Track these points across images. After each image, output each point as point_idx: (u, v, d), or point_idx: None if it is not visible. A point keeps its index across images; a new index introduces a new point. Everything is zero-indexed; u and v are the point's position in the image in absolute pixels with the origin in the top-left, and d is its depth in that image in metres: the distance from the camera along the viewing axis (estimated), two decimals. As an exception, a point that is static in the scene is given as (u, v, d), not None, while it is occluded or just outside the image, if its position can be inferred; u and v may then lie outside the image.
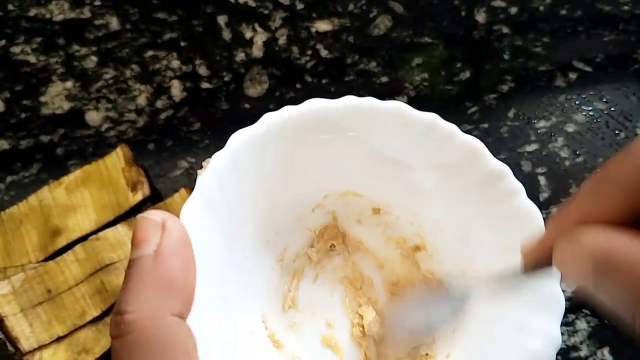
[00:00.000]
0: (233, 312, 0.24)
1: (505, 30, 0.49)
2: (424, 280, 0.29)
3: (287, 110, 0.26)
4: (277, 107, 0.24)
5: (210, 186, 0.23)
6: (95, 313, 0.36)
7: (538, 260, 0.19)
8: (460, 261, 0.27)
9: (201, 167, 0.24)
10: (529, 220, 0.24)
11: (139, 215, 0.21)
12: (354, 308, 0.29)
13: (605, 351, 0.37)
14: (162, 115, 0.45)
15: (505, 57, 0.48)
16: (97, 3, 0.47)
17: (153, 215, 0.21)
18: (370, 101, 0.26)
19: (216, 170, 0.23)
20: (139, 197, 0.39)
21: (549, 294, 0.23)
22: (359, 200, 0.30)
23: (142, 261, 0.19)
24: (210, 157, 0.24)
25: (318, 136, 0.26)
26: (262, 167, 0.26)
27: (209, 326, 0.20)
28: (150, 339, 0.18)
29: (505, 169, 0.25)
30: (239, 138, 0.24)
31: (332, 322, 0.29)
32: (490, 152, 0.26)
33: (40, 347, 0.35)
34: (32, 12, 0.47)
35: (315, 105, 0.26)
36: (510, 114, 0.46)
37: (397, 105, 0.26)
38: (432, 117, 0.26)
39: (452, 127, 0.26)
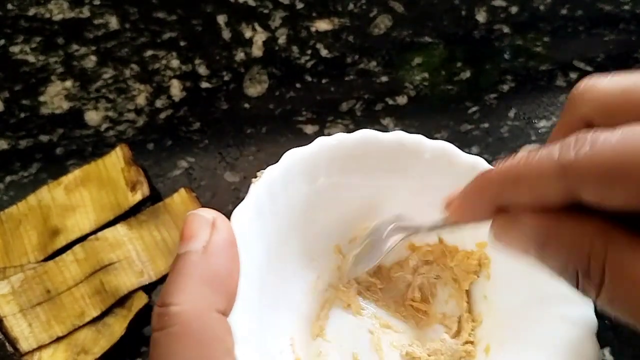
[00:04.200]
0: (266, 325, 0.24)
1: (506, 29, 0.49)
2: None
3: (341, 137, 0.27)
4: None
5: (262, 196, 0.24)
6: (95, 313, 0.36)
7: (462, 216, 0.21)
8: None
9: (255, 177, 0.25)
10: None
11: (190, 212, 0.21)
12: (381, 346, 0.29)
13: (606, 351, 0.37)
14: (162, 115, 0.45)
15: (506, 56, 0.48)
16: (97, 2, 0.47)
17: (204, 213, 0.21)
18: (418, 138, 0.27)
19: (269, 182, 0.24)
20: (138, 197, 0.39)
21: (583, 345, 0.23)
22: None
23: (190, 256, 0.20)
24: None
25: (366, 166, 0.27)
26: (309, 188, 0.26)
27: (246, 328, 0.21)
28: (194, 333, 0.18)
29: None
30: (293, 155, 0.25)
31: (359, 356, 0.29)
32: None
33: (40, 348, 0.35)
34: (32, 12, 0.47)
35: (367, 135, 0.27)
36: (511, 114, 0.46)
37: (444, 145, 0.27)
38: (477, 160, 0.27)
39: None
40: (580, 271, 0.17)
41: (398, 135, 0.27)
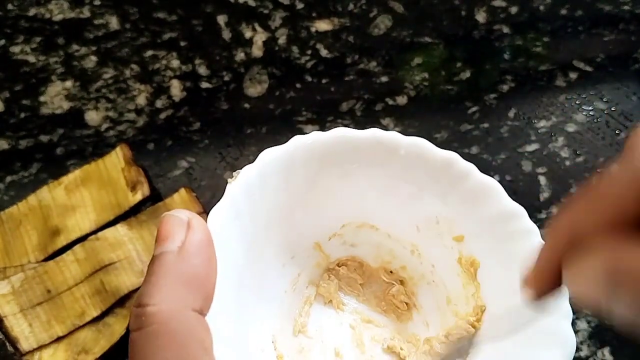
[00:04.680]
0: (245, 324, 0.24)
1: (506, 30, 0.49)
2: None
3: (316, 135, 0.27)
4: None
5: (238, 196, 0.24)
6: (95, 313, 0.36)
7: (544, 285, 0.19)
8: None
9: (231, 177, 0.25)
10: None
11: (165, 213, 0.21)
12: (363, 341, 0.29)
13: (606, 351, 0.37)
14: (162, 115, 0.45)
15: (506, 56, 0.48)
16: (97, 3, 0.47)
17: (179, 213, 0.21)
18: (393, 135, 0.27)
19: (245, 181, 0.25)
20: (138, 197, 0.39)
21: (559, 332, 0.23)
22: (374, 233, 0.30)
23: (165, 256, 0.20)
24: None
25: (342, 164, 0.28)
26: (286, 186, 0.27)
27: (224, 327, 0.21)
28: (171, 332, 0.18)
29: (521, 210, 0.26)
30: (269, 155, 0.26)
31: (341, 351, 0.29)
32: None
33: (40, 347, 0.35)
34: (32, 12, 0.47)
35: (342, 133, 0.27)
36: (511, 114, 0.46)
37: (417, 142, 0.27)
38: (451, 155, 0.27)
39: (469, 166, 0.27)
40: None
41: (373, 132, 0.27)
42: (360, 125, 0.45)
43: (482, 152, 0.44)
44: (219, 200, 0.22)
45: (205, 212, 0.39)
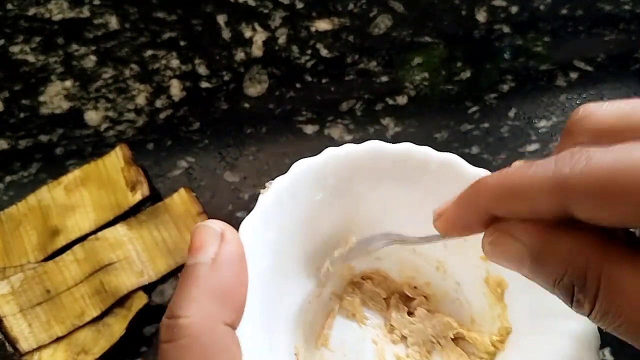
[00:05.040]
0: (271, 336, 0.24)
1: (506, 29, 0.49)
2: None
3: (349, 147, 0.27)
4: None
5: (270, 207, 0.24)
6: (95, 313, 0.36)
7: (453, 229, 0.21)
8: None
9: (264, 187, 0.25)
10: None
11: (199, 223, 0.21)
12: (385, 357, 0.29)
13: (606, 351, 0.37)
14: (162, 115, 0.45)
15: (506, 56, 0.48)
16: (97, 2, 0.47)
17: (212, 224, 0.21)
18: (425, 150, 0.27)
19: (277, 192, 0.25)
20: (138, 197, 0.39)
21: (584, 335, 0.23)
22: (400, 247, 0.30)
23: (198, 268, 0.20)
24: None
25: (373, 177, 0.27)
26: (317, 198, 0.27)
27: (253, 340, 0.21)
28: (202, 346, 0.19)
29: None
30: (301, 166, 0.26)
31: None
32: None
33: (40, 348, 0.35)
34: (31, 12, 0.47)
35: (375, 146, 0.27)
36: (511, 114, 0.46)
37: (451, 157, 0.27)
38: (483, 173, 0.27)
39: None
40: (576, 284, 0.17)
41: (406, 147, 0.27)
42: (360, 125, 0.44)
43: (483, 152, 0.43)
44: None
45: (205, 212, 0.39)
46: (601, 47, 0.49)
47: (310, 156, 0.26)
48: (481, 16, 0.49)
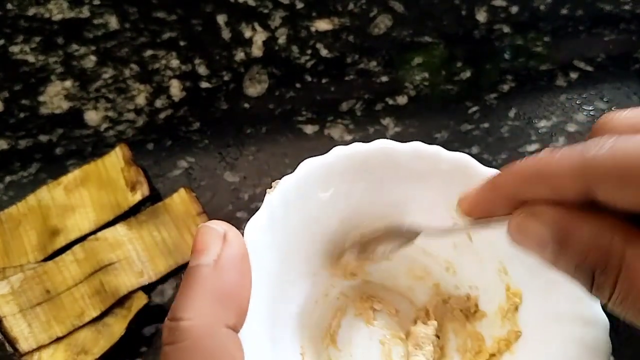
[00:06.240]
0: (275, 335, 0.24)
1: (506, 29, 0.49)
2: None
3: (357, 147, 0.26)
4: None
5: (277, 207, 0.24)
6: (95, 313, 0.36)
7: (479, 211, 0.22)
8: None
9: (270, 187, 0.24)
10: None
11: (202, 224, 0.21)
12: (392, 357, 0.29)
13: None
14: (162, 115, 0.45)
15: (506, 56, 0.48)
16: (96, 2, 0.47)
17: (215, 225, 0.21)
18: (435, 149, 0.27)
19: (284, 191, 0.24)
20: (138, 197, 0.39)
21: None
22: (409, 247, 0.30)
23: (201, 270, 0.20)
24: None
25: (381, 176, 0.27)
26: (324, 196, 0.26)
27: (256, 342, 0.21)
28: (205, 349, 0.19)
29: None
30: (308, 165, 0.25)
31: None
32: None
33: (39, 348, 0.35)
34: (31, 12, 0.47)
35: (383, 145, 0.27)
36: (511, 114, 0.46)
37: (461, 157, 0.27)
38: (494, 173, 0.26)
39: None
40: (597, 268, 0.17)
41: (415, 146, 0.27)
42: (360, 125, 0.44)
43: (483, 152, 0.43)
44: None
45: (205, 212, 0.39)
46: (601, 47, 0.49)
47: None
48: (481, 16, 0.49)
